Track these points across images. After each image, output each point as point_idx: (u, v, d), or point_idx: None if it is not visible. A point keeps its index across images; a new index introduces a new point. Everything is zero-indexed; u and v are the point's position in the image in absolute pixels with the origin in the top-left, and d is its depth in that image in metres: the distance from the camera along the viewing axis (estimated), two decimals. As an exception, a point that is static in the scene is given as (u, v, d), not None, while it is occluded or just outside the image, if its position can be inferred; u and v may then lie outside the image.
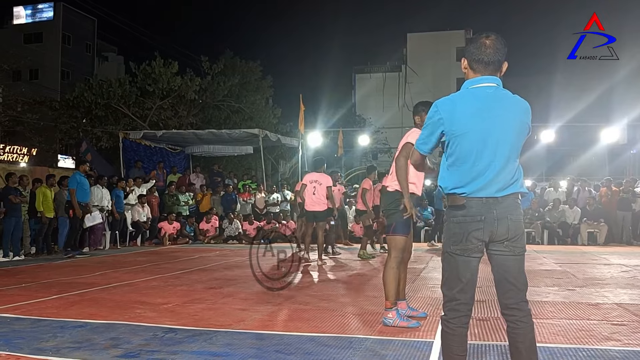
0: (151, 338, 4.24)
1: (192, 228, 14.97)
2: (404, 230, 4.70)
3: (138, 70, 22.09)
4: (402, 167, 4.54)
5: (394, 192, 4.73)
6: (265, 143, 17.32)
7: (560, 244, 14.51)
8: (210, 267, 9.19)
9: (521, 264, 2.62)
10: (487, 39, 2.65)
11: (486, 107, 2.60)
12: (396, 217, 4.66)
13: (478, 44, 2.65)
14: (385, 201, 4.83)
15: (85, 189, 11.40)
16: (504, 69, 2.70)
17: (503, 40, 2.67)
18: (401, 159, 4.55)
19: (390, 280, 4.64)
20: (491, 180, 2.57)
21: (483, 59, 2.64)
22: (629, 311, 5.29)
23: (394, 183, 4.76)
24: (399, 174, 4.56)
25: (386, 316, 4.63)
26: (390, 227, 4.74)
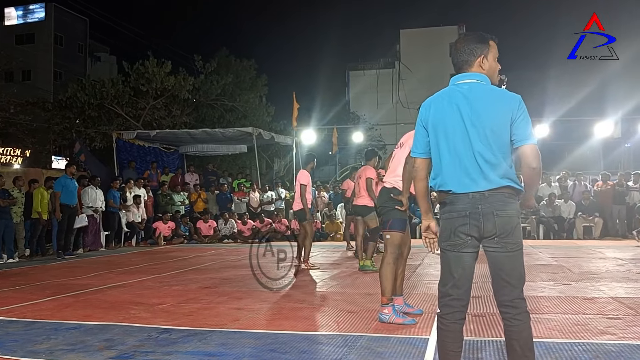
0: (145, 339, 4.21)
1: (186, 228, 14.92)
2: (401, 226, 4.74)
3: (131, 70, 22.01)
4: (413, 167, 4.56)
5: (391, 189, 4.79)
6: (259, 141, 17.28)
7: (556, 238, 14.54)
8: (205, 267, 9.16)
9: (515, 260, 2.58)
10: (459, 38, 2.77)
11: (459, 104, 2.62)
12: (392, 214, 4.72)
13: (453, 43, 2.80)
14: (383, 197, 4.89)
15: (71, 191, 11.40)
16: (484, 63, 2.70)
17: (478, 36, 2.72)
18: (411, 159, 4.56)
19: (387, 276, 4.66)
20: (474, 176, 2.56)
21: (452, 59, 2.79)
22: (624, 305, 5.29)
23: (392, 179, 4.82)
24: (408, 172, 4.55)
25: (382, 312, 4.65)
26: (387, 223, 4.78)
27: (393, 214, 4.73)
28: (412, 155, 2.83)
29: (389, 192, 4.81)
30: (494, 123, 2.56)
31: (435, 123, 2.67)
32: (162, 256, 11.08)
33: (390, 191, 4.80)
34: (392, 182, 4.83)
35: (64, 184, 11.30)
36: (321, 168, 34.22)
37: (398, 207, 4.67)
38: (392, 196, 4.75)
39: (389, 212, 4.77)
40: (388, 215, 4.78)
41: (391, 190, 4.79)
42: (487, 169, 2.55)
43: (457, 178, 2.60)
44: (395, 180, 4.80)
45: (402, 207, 4.66)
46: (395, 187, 4.78)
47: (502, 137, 2.56)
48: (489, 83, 2.68)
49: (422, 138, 2.75)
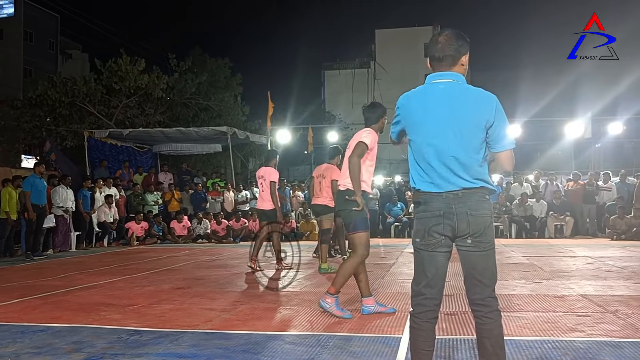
0: (115, 341, 4.14)
1: (160, 227, 14.74)
2: (365, 226, 4.84)
3: (104, 67, 21.65)
4: (356, 166, 4.71)
5: (345, 191, 4.87)
6: (234, 141, 17.17)
7: (528, 237, 14.75)
8: (179, 267, 9.06)
9: (488, 259, 2.60)
10: (439, 36, 2.69)
11: (434, 103, 2.62)
12: (355, 215, 4.78)
13: (432, 41, 2.71)
14: (339, 200, 4.97)
15: (40, 191, 11.18)
16: (463, 62, 2.69)
17: (458, 35, 2.68)
18: (355, 158, 4.72)
19: (347, 273, 4.79)
20: (448, 175, 2.57)
21: (435, 55, 2.68)
22: (593, 302, 5.38)
23: (345, 181, 4.91)
24: (353, 172, 4.72)
25: (324, 299, 4.80)
26: (350, 225, 4.85)
27: (353, 215, 4.79)
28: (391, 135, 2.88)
29: (344, 195, 4.89)
30: (470, 124, 2.56)
31: (412, 121, 2.67)
32: (134, 257, 10.93)
33: (345, 193, 4.88)
34: (346, 184, 4.90)
35: (33, 183, 11.06)
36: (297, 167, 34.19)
37: (355, 209, 4.74)
38: (347, 198, 4.81)
39: (349, 214, 4.84)
40: (349, 217, 4.85)
41: (346, 193, 4.87)
42: (461, 169, 2.56)
43: (431, 177, 2.60)
44: (349, 182, 4.85)
45: (359, 207, 4.72)
46: (349, 189, 4.84)
47: (477, 138, 2.57)
48: (464, 82, 2.68)
49: (396, 130, 2.81)
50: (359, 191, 4.72)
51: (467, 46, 2.68)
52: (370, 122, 5.05)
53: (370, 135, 4.87)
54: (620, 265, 8.26)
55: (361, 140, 4.79)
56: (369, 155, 4.87)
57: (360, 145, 4.77)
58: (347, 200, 4.82)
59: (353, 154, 4.75)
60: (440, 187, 2.58)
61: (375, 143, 4.94)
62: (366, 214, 4.85)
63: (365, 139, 4.80)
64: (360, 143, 4.78)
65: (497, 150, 2.61)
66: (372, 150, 4.88)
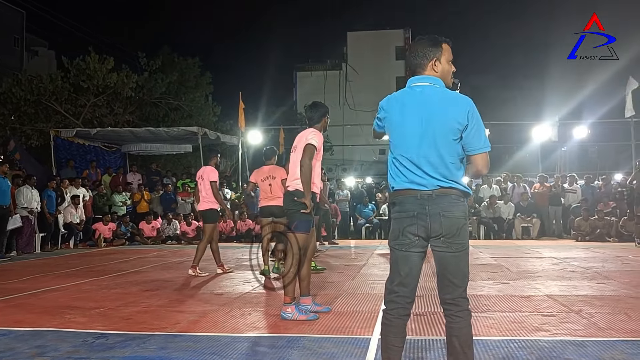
0: (80, 344, 4.05)
1: (127, 228, 14.51)
2: (306, 228, 4.87)
3: (71, 65, 21.20)
4: (308, 169, 4.77)
5: (294, 192, 4.90)
6: (205, 141, 17.01)
7: (496, 238, 14.99)
8: (147, 269, 8.93)
9: (460, 260, 2.66)
10: (411, 45, 2.87)
11: (411, 105, 2.68)
12: (298, 216, 4.84)
13: (410, 46, 2.87)
14: (287, 200, 5.00)
15: (3, 191, 10.90)
16: (437, 67, 2.74)
17: (432, 40, 2.77)
18: (307, 161, 4.77)
19: (289, 276, 4.81)
20: (422, 177, 2.62)
21: (407, 62, 2.91)
22: (558, 302, 5.49)
23: (293, 182, 4.93)
24: (304, 175, 4.77)
25: (284, 311, 4.79)
26: (292, 225, 4.89)
27: (298, 216, 4.84)
28: None
29: (292, 195, 4.91)
30: (445, 127, 2.61)
31: (390, 123, 2.75)
32: (101, 258, 10.73)
33: (293, 194, 4.90)
34: (295, 185, 4.93)
35: (-5, 183, 10.76)
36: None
37: (303, 211, 4.79)
38: (296, 199, 4.84)
39: (293, 214, 4.88)
40: (293, 217, 4.89)
41: (294, 194, 4.89)
42: (435, 171, 2.60)
43: (406, 179, 2.65)
44: (297, 183, 4.88)
45: (307, 209, 4.77)
46: (298, 190, 4.87)
47: (451, 141, 2.62)
48: (442, 86, 2.73)
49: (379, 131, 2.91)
50: (309, 194, 4.77)
51: (436, 51, 2.74)
52: (313, 122, 5.10)
53: (316, 136, 4.90)
54: (585, 266, 8.45)
55: (309, 143, 4.82)
56: (316, 156, 4.89)
57: (310, 147, 4.80)
58: (294, 201, 4.85)
59: (305, 157, 4.78)
60: (416, 187, 2.62)
61: (322, 143, 4.98)
62: (312, 217, 4.90)
63: (312, 141, 4.83)
64: (309, 145, 4.81)
65: (472, 153, 2.66)
66: (319, 151, 4.93)
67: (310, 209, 4.79)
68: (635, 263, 8.96)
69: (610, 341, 3.95)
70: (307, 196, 4.77)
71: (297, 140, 5.03)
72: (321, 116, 5.12)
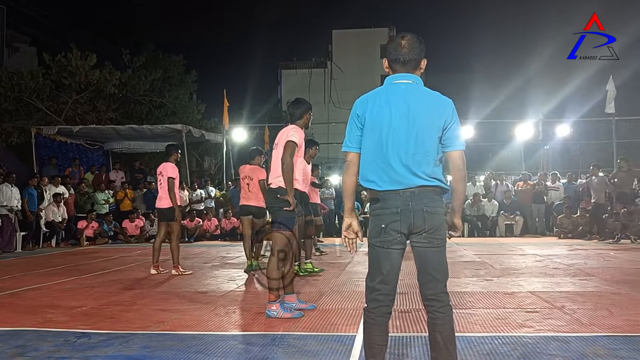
0: (62, 344, 4.00)
1: (110, 227, 14.37)
2: (289, 225, 4.84)
3: (52, 62, 20.92)
4: (290, 166, 4.76)
5: (277, 189, 4.87)
6: (189, 139, 16.90)
7: (480, 236, 15.10)
8: (130, 268, 8.86)
9: (441, 255, 2.67)
10: (402, 39, 2.74)
11: (395, 102, 2.66)
12: (281, 214, 4.82)
13: (395, 44, 2.76)
14: (270, 198, 4.99)
15: None
16: (422, 66, 2.77)
17: (419, 39, 2.76)
18: (288, 158, 4.76)
19: (274, 274, 4.78)
20: (405, 174, 2.61)
21: (399, 58, 2.73)
22: (541, 298, 5.54)
23: (276, 180, 4.91)
24: (286, 173, 4.75)
25: (270, 309, 4.76)
26: (275, 223, 4.88)
27: (281, 213, 4.83)
28: (345, 149, 2.79)
29: (275, 193, 4.89)
30: (429, 125, 2.63)
31: (372, 120, 2.69)
32: (84, 257, 10.61)
33: (276, 192, 4.88)
34: (277, 182, 4.91)
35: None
36: (253, 167, 33.85)
37: (286, 209, 4.78)
38: (279, 197, 4.83)
39: (277, 212, 4.87)
40: (276, 215, 4.87)
41: (277, 191, 4.88)
42: (419, 168, 2.61)
43: (389, 175, 2.63)
44: (280, 180, 4.87)
45: (290, 207, 4.76)
46: (281, 187, 4.85)
47: (434, 138, 2.64)
48: (422, 85, 2.74)
49: (356, 132, 2.74)
50: (291, 191, 4.76)
51: (425, 50, 2.76)
52: (295, 118, 5.09)
53: (297, 132, 4.88)
54: (567, 263, 8.53)
55: (290, 140, 4.80)
56: (298, 153, 4.88)
57: (291, 144, 4.79)
58: (277, 198, 4.84)
59: (286, 154, 4.77)
60: (399, 185, 2.62)
61: (303, 140, 4.97)
62: (295, 214, 4.87)
63: (293, 138, 4.81)
64: (290, 142, 4.79)
65: (451, 150, 2.68)
66: (300, 148, 4.91)
67: (294, 206, 4.78)
68: (616, 259, 9.08)
69: (592, 337, 3.99)
70: (290, 193, 4.75)
71: (279, 137, 5.00)
72: (303, 112, 5.11)
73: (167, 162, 7.83)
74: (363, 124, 2.71)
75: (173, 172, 7.69)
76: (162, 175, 7.74)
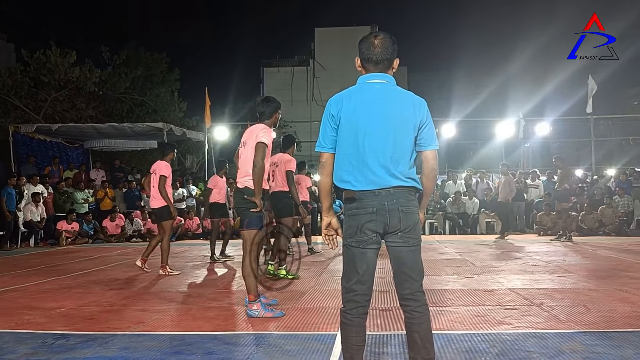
0: (40, 346, 3.95)
1: (90, 226, 14.21)
2: (258, 224, 4.85)
3: (31, 59, 20.63)
4: (261, 169, 4.74)
5: (243, 189, 4.87)
6: (170, 137, 16.75)
7: (461, 233, 15.21)
8: (110, 267, 8.77)
9: (416, 254, 2.68)
10: (375, 39, 2.72)
11: (371, 102, 2.66)
12: (249, 214, 4.83)
13: (367, 43, 2.73)
14: (237, 198, 4.97)
15: None
16: (395, 66, 2.77)
17: (392, 39, 2.74)
18: (260, 160, 4.74)
19: (249, 274, 4.78)
20: (381, 174, 2.61)
21: (372, 58, 2.71)
22: (520, 295, 5.60)
23: (243, 179, 4.90)
24: (257, 175, 4.72)
25: (251, 308, 4.77)
26: (244, 222, 4.89)
27: (248, 214, 4.82)
28: (319, 149, 2.77)
29: (242, 193, 4.88)
30: (405, 125, 2.63)
31: (347, 120, 2.66)
32: (63, 257, 10.49)
33: (242, 192, 4.87)
34: (244, 182, 4.89)
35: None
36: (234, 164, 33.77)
37: (253, 210, 4.78)
38: (246, 197, 4.82)
39: (244, 212, 4.88)
40: (244, 215, 4.89)
41: (244, 191, 4.86)
42: (396, 168, 2.61)
43: (365, 176, 2.62)
44: (247, 180, 4.85)
45: (257, 208, 4.76)
46: (248, 187, 4.84)
47: (410, 138, 2.65)
48: (395, 84, 2.74)
49: (330, 132, 2.72)
50: (259, 194, 4.75)
51: (397, 50, 2.75)
52: (265, 117, 5.08)
53: (267, 133, 4.87)
54: (546, 260, 8.64)
55: (260, 141, 4.78)
56: (267, 153, 4.88)
57: (261, 146, 4.77)
58: (244, 199, 4.83)
59: (257, 156, 4.74)
60: (374, 185, 2.61)
61: (272, 140, 4.96)
62: (263, 213, 4.88)
63: (263, 139, 4.79)
64: (261, 144, 4.77)
65: (425, 149, 2.70)
66: (269, 148, 4.91)
67: (261, 207, 4.77)
68: (593, 257, 9.22)
69: (569, 333, 4.04)
70: (258, 195, 4.74)
71: (247, 136, 4.97)
72: (273, 111, 5.11)
73: (162, 161, 7.79)
74: (338, 124, 2.68)
75: (166, 170, 7.65)
76: (155, 174, 7.68)
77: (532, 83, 32.37)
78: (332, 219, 2.81)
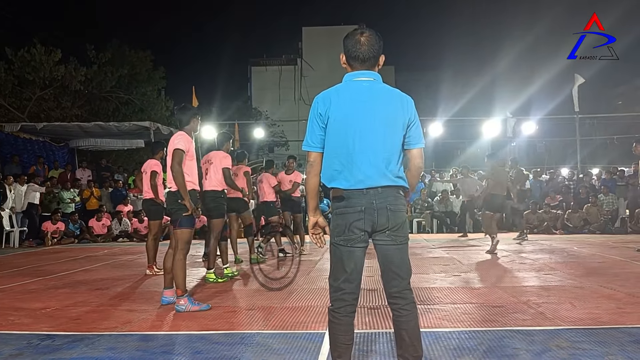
0: (25, 347, 3.90)
1: (76, 226, 14.09)
2: (189, 224, 5.15)
3: (15, 57, 20.41)
4: (180, 173, 5.07)
5: (176, 192, 5.11)
6: (157, 136, 16.63)
7: (448, 232, 15.29)
8: (97, 267, 8.70)
9: (404, 253, 2.67)
10: (361, 36, 2.69)
11: (360, 100, 2.64)
12: (180, 215, 5.09)
13: (353, 40, 2.70)
14: (170, 200, 5.22)
15: None
16: (381, 63, 2.75)
17: (378, 36, 2.71)
18: (176, 166, 5.07)
19: (179, 270, 5.07)
20: (370, 172, 2.59)
21: (359, 55, 2.68)
22: (506, 293, 5.64)
23: (173, 184, 5.13)
24: (177, 179, 5.05)
25: (178, 303, 5.00)
26: (176, 222, 5.13)
27: (180, 215, 5.08)
28: (307, 148, 2.73)
29: (175, 196, 5.11)
30: (394, 123, 2.62)
31: (335, 119, 2.63)
32: (49, 257, 10.39)
33: (176, 195, 5.11)
34: (175, 186, 5.13)
35: None
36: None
37: (185, 214, 5.06)
38: (180, 201, 5.07)
39: (176, 212, 5.11)
40: (176, 215, 5.11)
41: (177, 194, 5.10)
42: (385, 166, 2.60)
43: (353, 174, 2.61)
44: None
45: (188, 211, 5.05)
46: (179, 191, 5.09)
47: (399, 136, 2.64)
48: (381, 82, 2.73)
49: (318, 131, 2.68)
50: (186, 196, 5.03)
51: (382, 47, 2.73)
52: (183, 124, 5.39)
53: (182, 139, 5.17)
54: (533, 258, 8.71)
55: (176, 147, 5.09)
56: (187, 157, 5.16)
57: (177, 152, 5.08)
58: (177, 202, 5.08)
59: (173, 162, 5.08)
60: (364, 184, 2.59)
61: (190, 144, 5.25)
62: (193, 215, 5.14)
63: (178, 145, 5.10)
64: (177, 150, 5.08)
65: (413, 147, 2.70)
66: (189, 152, 5.19)
67: (192, 209, 5.06)
68: (579, 254, 9.30)
69: (555, 330, 4.08)
70: (186, 198, 5.02)
71: (169, 145, 5.25)
72: (190, 118, 5.40)
73: (152, 159, 7.82)
74: (326, 122, 2.65)
75: (157, 168, 7.67)
76: (145, 173, 7.69)
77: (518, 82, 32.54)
78: (319, 218, 2.80)
